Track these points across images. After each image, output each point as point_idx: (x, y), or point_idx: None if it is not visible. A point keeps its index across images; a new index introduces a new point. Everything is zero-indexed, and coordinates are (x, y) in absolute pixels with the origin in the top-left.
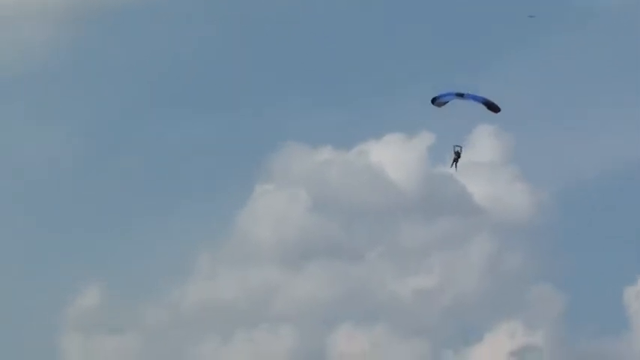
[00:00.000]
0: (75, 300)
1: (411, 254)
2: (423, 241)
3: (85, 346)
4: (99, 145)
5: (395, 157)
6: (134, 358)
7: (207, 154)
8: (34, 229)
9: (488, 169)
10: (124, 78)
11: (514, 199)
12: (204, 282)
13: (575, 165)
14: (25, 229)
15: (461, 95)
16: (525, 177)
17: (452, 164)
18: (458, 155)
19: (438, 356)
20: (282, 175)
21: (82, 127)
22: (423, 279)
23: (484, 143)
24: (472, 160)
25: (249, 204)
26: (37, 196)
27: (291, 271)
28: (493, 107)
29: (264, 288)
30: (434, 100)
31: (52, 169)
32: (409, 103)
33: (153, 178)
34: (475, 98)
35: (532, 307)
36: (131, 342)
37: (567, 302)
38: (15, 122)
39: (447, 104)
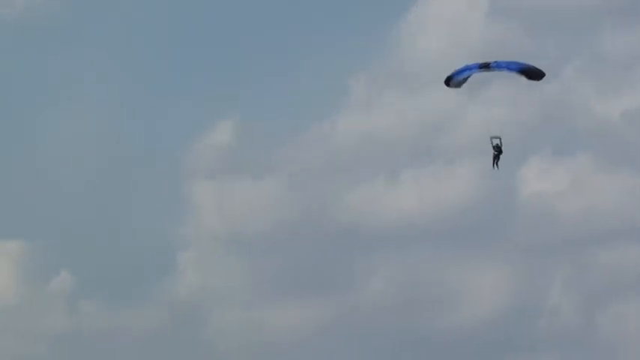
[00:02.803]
0: (207, 138)
1: (615, 68)
2: (629, 51)
3: (219, 191)
4: None
5: None
6: (277, 206)
7: None
8: (169, 69)
9: None
10: None
11: None
12: (359, 113)
13: None
14: (161, 69)
15: (486, 66)
16: None
17: (493, 163)
18: (498, 150)
19: None
20: None
21: None
22: (631, 98)
23: None
24: None
25: (414, 11)
26: (174, 36)
27: (467, 95)
28: (535, 74)
29: (434, 118)
30: (448, 81)
31: (192, 10)
32: None
33: None
34: (508, 66)
35: None
36: (273, 187)
37: None
38: None
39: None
